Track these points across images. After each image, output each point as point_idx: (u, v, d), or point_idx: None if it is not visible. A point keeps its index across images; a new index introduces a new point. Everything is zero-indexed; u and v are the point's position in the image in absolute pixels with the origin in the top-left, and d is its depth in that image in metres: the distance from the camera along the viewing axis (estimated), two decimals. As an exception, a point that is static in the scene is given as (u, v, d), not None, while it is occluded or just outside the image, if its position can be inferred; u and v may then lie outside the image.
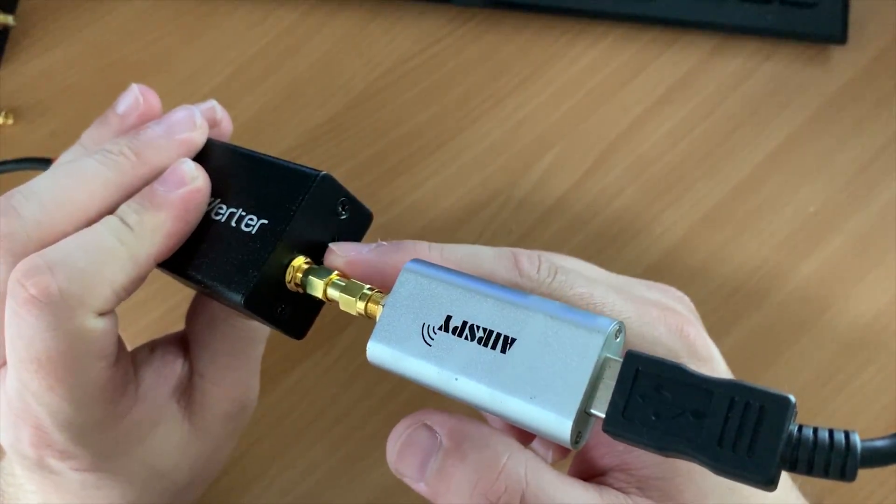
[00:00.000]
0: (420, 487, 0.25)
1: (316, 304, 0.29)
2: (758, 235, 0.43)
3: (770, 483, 0.18)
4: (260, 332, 0.33)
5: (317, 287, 0.27)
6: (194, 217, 0.29)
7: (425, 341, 0.23)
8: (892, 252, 0.42)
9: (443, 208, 0.43)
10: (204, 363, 0.32)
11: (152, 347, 0.32)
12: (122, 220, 0.28)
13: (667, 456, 0.20)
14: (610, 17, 0.46)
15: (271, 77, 0.45)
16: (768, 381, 0.41)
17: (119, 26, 0.46)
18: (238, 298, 0.26)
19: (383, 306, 0.25)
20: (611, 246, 0.42)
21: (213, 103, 0.34)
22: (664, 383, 0.20)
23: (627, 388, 0.20)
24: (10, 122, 0.44)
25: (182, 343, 0.33)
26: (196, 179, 0.29)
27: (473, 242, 0.42)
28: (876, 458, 0.19)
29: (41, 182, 0.29)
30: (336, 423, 0.40)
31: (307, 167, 0.28)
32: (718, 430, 0.19)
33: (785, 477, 0.28)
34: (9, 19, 0.45)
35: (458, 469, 0.23)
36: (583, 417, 0.21)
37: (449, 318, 0.23)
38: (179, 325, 0.34)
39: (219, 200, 0.29)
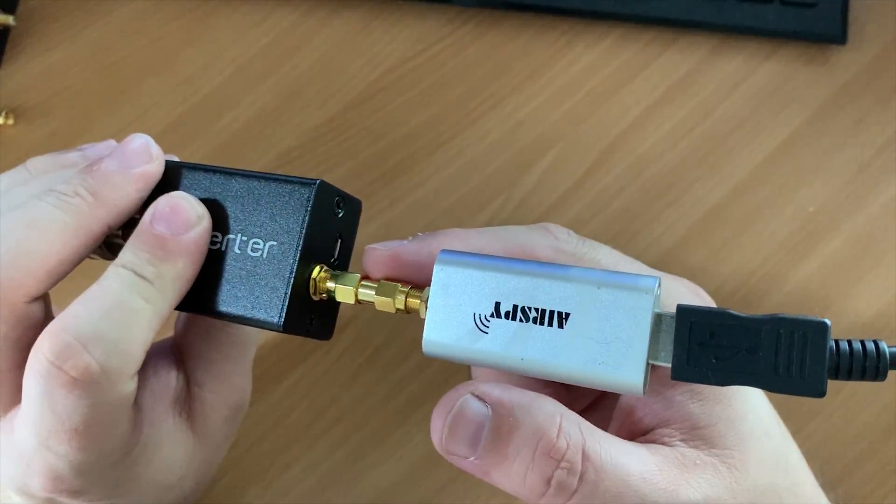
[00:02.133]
0: (469, 463, 0.24)
1: (337, 304, 0.29)
2: (758, 235, 0.43)
3: (823, 394, 0.22)
4: (253, 335, 0.33)
5: (348, 294, 0.27)
6: (204, 256, 0.28)
7: (480, 329, 0.24)
8: (892, 252, 0.42)
9: (443, 208, 0.43)
10: (202, 373, 0.32)
11: (144, 366, 0.31)
12: (139, 275, 0.27)
13: (728, 385, 0.22)
14: (610, 18, 0.46)
15: (272, 77, 0.46)
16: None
17: (119, 27, 0.46)
18: (276, 324, 0.26)
19: (427, 300, 0.25)
20: (610, 245, 0.42)
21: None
22: (716, 328, 0.22)
23: (686, 339, 0.22)
24: (11, 122, 0.44)
25: (172, 354, 0.32)
26: (203, 218, 0.28)
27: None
28: None
29: None
30: (336, 423, 0.40)
31: (297, 178, 0.28)
32: (772, 360, 0.22)
33: (815, 485, 0.29)
34: (9, 19, 0.45)
35: (514, 435, 0.23)
36: (647, 369, 0.23)
37: (498, 304, 0.24)
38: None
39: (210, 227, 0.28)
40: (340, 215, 0.29)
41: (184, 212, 0.27)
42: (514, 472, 0.24)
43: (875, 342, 0.22)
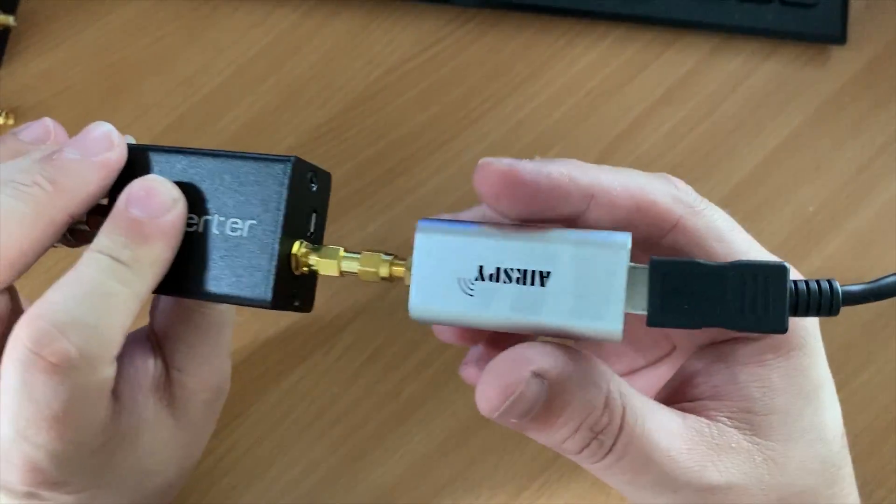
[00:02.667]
0: (513, 424, 0.25)
1: (315, 277, 0.29)
2: (758, 235, 0.42)
3: (785, 330, 0.24)
4: (228, 315, 0.33)
5: (331, 266, 0.27)
6: (180, 239, 0.28)
7: (465, 293, 0.25)
8: (892, 252, 0.42)
9: (443, 208, 0.43)
10: (181, 357, 0.31)
11: (119, 356, 0.31)
12: (115, 259, 0.27)
13: (701, 328, 0.24)
14: (610, 18, 0.46)
15: (271, 77, 0.46)
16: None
17: (120, 27, 0.46)
18: (265, 302, 0.27)
19: (411, 268, 0.26)
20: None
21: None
22: (686, 277, 0.24)
23: (660, 288, 0.24)
24: (11, 122, 0.44)
25: (149, 340, 0.32)
26: (178, 200, 0.28)
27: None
28: (854, 298, 0.26)
29: None
30: (336, 423, 0.40)
31: (271, 155, 0.28)
32: (738, 302, 0.24)
33: (852, 481, 0.29)
34: (9, 20, 0.45)
35: (566, 410, 0.24)
36: (624, 318, 0.24)
37: (481, 267, 0.25)
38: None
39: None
40: (314, 189, 0.29)
41: (159, 195, 0.27)
42: (557, 437, 0.25)
43: (829, 281, 0.25)
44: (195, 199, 0.28)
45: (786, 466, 0.26)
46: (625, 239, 0.24)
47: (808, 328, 0.28)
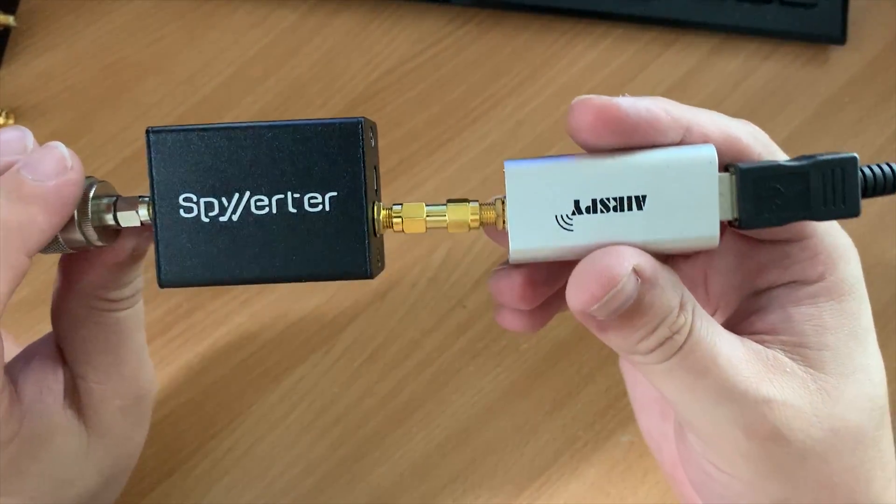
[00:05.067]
0: (595, 322, 0.25)
1: (382, 238, 0.28)
2: (757, 235, 0.43)
3: (858, 213, 0.26)
4: (133, 321, 0.32)
5: (417, 224, 0.26)
6: (69, 212, 0.26)
7: (565, 228, 0.25)
8: (892, 251, 0.42)
9: (443, 208, 0.43)
10: (81, 365, 0.30)
11: (28, 358, 0.30)
12: None
13: (786, 224, 0.26)
14: (609, 18, 0.46)
15: (272, 77, 0.46)
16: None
17: (120, 27, 0.46)
18: (364, 274, 0.26)
19: (503, 211, 0.26)
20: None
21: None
22: (771, 179, 0.26)
23: (750, 193, 0.26)
24: (11, 122, 0.44)
25: (56, 347, 0.31)
26: (72, 169, 0.26)
27: (472, 241, 0.42)
28: None
29: None
30: (336, 423, 0.40)
31: (335, 119, 0.26)
32: (821, 196, 0.26)
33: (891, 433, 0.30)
34: (9, 20, 0.45)
35: (651, 310, 0.25)
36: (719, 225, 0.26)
37: (577, 201, 0.25)
38: (181, 323, 0.34)
39: (248, 194, 0.26)
40: (373, 145, 0.27)
41: (53, 157, 0.26)
42: (634, 337, 0.25)
43: (889, 165, 0.27)
44: (258, 179, 0.26)
45: (838, 399, 0.27)
46: (710, 152, 0.25)
47: (857, 277, 0.29)
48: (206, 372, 0.41)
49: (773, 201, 0.26)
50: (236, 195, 0.26)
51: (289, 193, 0.26)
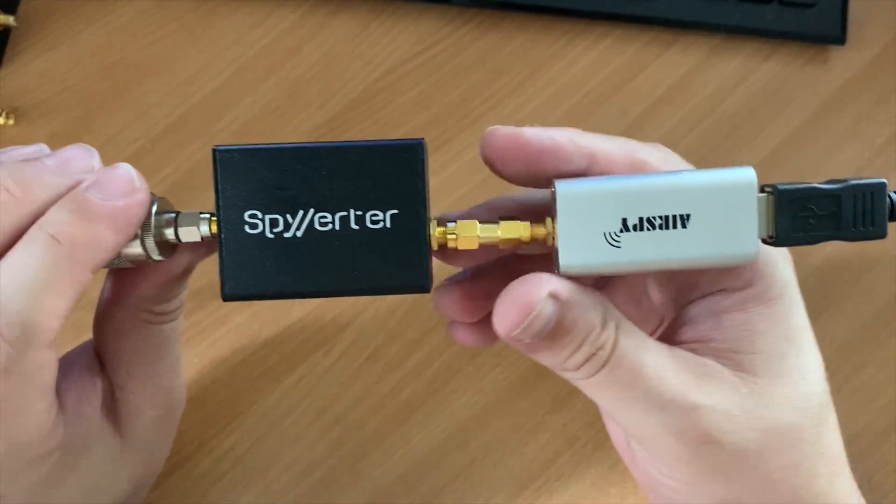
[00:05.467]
0: (523, 344, 0.27)
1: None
2: (757, 235, 0.43)
3: (885, 235, 0.27)
4: (175, 332, 0.32)
5: (471, 241, 0.27)
6: (134, 230, 0.26)
7: (612, 245, 0.27)
8: (891, 251, 0.42)
9: (444, 207, 0.43)
10: (120, 375, 0.31)
11: (67, 368, 0.30)
12: (54, 237, 0.25)
13: (818, 243, 0.28)
14: (609, 18, 0.46)
15: (272, 77, 0.46)
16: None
17: (120, 27, 0.46)
18: (423, 289, 0.27)
19: (554, 229, 0.27)
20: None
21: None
22: (806, 200, 0.27)
23: (786, 212, 0.27)
24: (11, 122, 0.44)
25: (97, 356, 0.31)
26: (139, 191, 0.26)
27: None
28: None
29: None
30: (336, 423, 0.40)
31: (397, 140, 0.27)
32: (851, 218, 0.27)
33: (842, 451, 0.31)
34: (10, 20, 0.45)
35: (573, 330, 0.26)
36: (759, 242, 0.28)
37: (625, 219, 0.27)
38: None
39: (312, 211, 0.27)
40: (427, 163, 0.28)
41: (119, 179, 0.26)
42: (561, 356, 0.27)
43: None
44: (322, 196, 0.27)
45: (771, 399, 0.28)
46: (750, 174, 0.27)
47: (787, 280, 0.29)
48: (206, 372, 0.41)
49: (807, 221, 0.27)
50: (301, 212, 0.27)
51: (351, 211, 0.27)
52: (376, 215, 0.27)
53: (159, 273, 0.30)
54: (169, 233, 0.28)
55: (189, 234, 0.28)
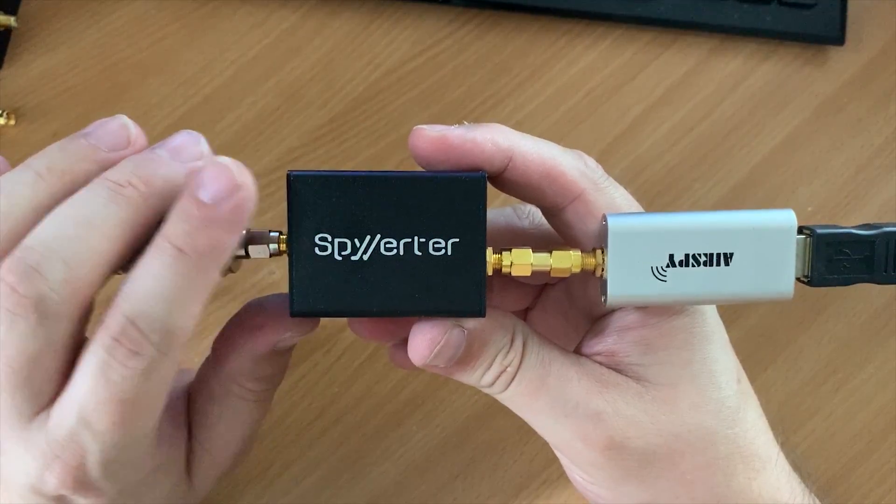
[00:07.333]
0: (439, 370, 0.29)
1: None
2: (757, 235, 0.43)
3: None
4: (262, 409, 0.33)
5: (524, 268, 0.29)
6: (245, 226, 0.27)
7: (658, 279, 0.28)
8: (891, 252, 0.43)
9: (443, 208, 0.43)
10: (204, 434, 0.32)
11: (170, 402, 0.32)
12: (180, 250, 0.26)
13: (852, 284, 0.29)
14: (609, 18, 0.46)
15: (272, 78, 0.46)
16: (767, 379, 0.42)
17: (121, 27, 0.46)
18: (478, 314, 0.28)
19: (604, 261, 0.28)
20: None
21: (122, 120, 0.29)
22: (842, 244, 0.29)
23: (823, 254, 0.29)
24: (12, 123, 0.44)
25: (186, 408, 0.32)
26: (245, 185, 0.26)
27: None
28: None
29: (51, 234, 0.26)
30: (336, 423, 0.40)
31: (460, 173, 0.28)
32: (883, 262, 0.29)
33: (771, 443, 0.32)
34: (11, 20, 0.45)
35: (482, 352, 0.29)
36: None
37: (672, 255, 0.28)
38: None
39: (379, 236, 0.28)
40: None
41: (225, 175, 0.26)
42: (475, 375, 0.29)
43: None
44: (383, 223, 0.28)
45: (676, 405, 0.29)
46: (791, 217, 0.28)
47: None
48: (206, 372, 0.41)
49: (842, 265, 0.29)
50: (368, 237, 0.28)
51: (416, 238, 0.28)
52: (438, 243, 0.28)
53: (254, 348, 0.31)
54: (239, 249, 0.29)
55: (258, 252, 0.29)
